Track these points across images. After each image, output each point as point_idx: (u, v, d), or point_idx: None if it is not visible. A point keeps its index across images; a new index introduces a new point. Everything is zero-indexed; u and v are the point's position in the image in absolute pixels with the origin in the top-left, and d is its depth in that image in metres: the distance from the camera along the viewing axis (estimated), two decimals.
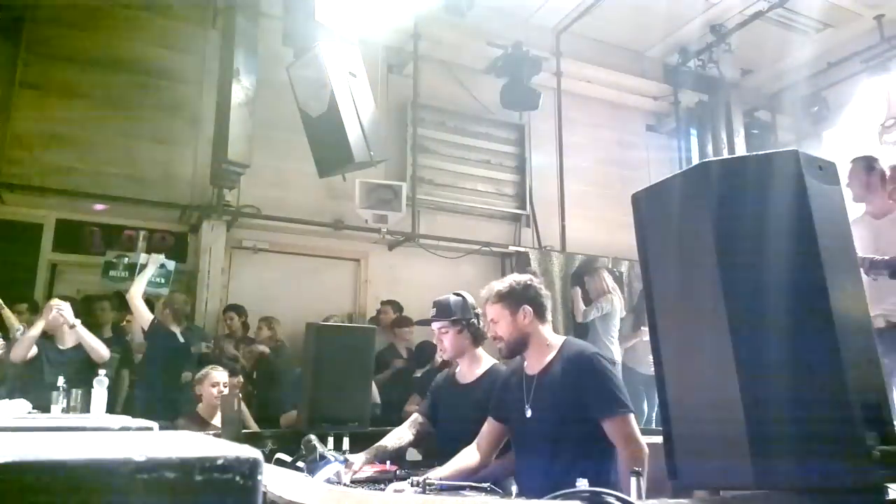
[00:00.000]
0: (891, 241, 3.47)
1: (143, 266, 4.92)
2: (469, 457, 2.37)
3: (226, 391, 3.83)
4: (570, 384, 2.15)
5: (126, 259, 5.14)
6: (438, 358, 5.17)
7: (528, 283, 2.35)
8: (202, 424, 3.68)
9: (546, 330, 2.33)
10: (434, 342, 5.17)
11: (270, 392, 5.08)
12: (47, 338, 4.24)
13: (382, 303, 6.17)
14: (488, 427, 2.41)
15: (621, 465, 2.06)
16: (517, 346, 2.31)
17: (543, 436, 2.18)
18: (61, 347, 4.24)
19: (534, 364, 2.31)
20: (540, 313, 2.32)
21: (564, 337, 2.37)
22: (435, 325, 2.73)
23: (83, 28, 5.89)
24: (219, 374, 3.88)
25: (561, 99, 7.54)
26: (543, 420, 2.19)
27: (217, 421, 3.79)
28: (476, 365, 2.75)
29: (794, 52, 7.57)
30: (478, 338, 2.74)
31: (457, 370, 2.84)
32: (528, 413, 2.23)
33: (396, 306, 6.02)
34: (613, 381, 2.15)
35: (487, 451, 2.39)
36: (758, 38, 7.25)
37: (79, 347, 4.23)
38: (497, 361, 2.78)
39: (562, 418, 2.14)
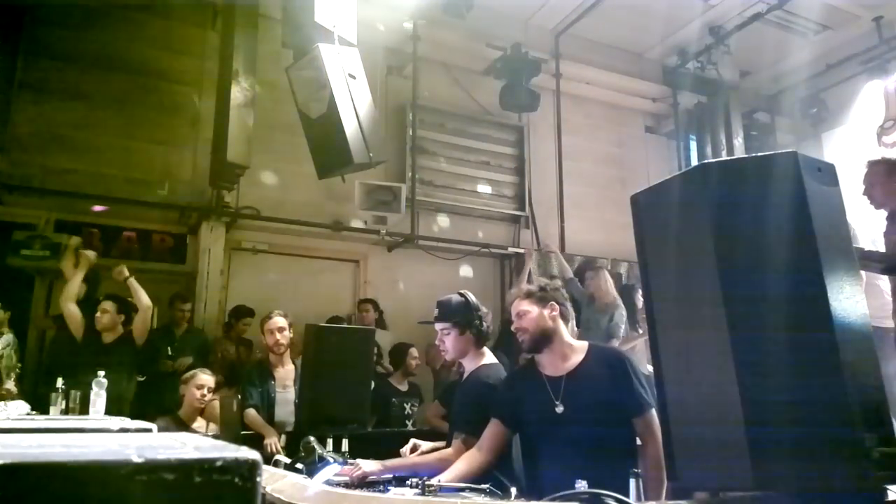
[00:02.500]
0: None
1: (67, 247, 4.95)
2: (472, 460, 2.37)
3: (209, 396, 3.80)
4: (609, 385, 2.29)
5: (41, 240, 5.09)
6: (412, 363, 5.16)
7: (558, 287, 2.55)
8: (181, 427, 3.61)
9: (566, 332, 2.46)
10: (408, 343, 5.22)
11: None
12: (93, 333, 4.39)
13: (361, 301, 6.07)
14: (493, 429, 2.40)
15: (648, 460, 2.18)
16: (540, 340, 2.41)
17: (580, 432, 2.26)
18: (105, 342, 4.38)
19: (557, 364, 2.39)
20: (563, 314, 2.47)
21: (587, 342, 2.49)
22: (437, 327, 2.73)
23: (83, 29, 5.87)
24: (206, 378, 3.84)
25: (560, 100, 7.54)
26: (580, 417, 2.28)
27: (197, 425, 3.77)
28: (478, 364, 2.76)
29: (792, 53, 7.58)
30: (481, 338, 2.74)
31: (462, 372, 2.88)
32: (560, 409, 2.30)
33: (376, 305, 5.98)
34: (642, 380, 2.32)
35: (489, 452, 2.38)
36: (757, 39, 7.25)
37: (121, 341, 4.41)
38: (496, 362, 2.78)
39: (599, 416, 2.26)
